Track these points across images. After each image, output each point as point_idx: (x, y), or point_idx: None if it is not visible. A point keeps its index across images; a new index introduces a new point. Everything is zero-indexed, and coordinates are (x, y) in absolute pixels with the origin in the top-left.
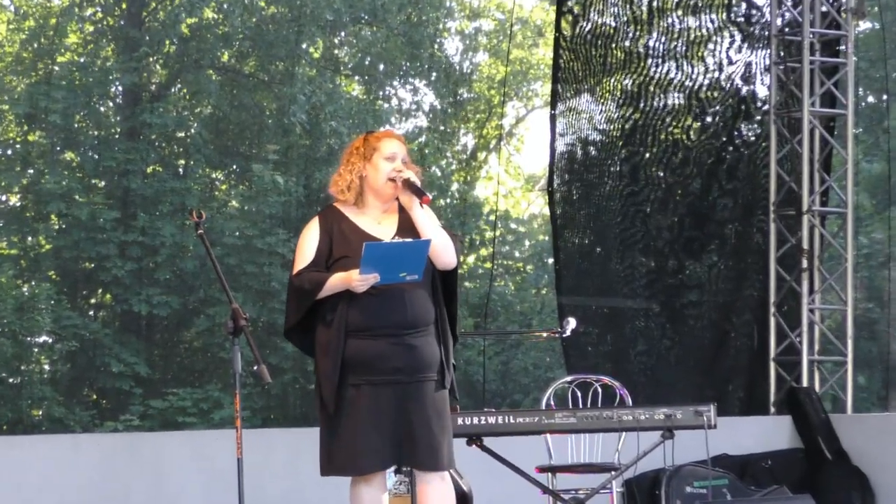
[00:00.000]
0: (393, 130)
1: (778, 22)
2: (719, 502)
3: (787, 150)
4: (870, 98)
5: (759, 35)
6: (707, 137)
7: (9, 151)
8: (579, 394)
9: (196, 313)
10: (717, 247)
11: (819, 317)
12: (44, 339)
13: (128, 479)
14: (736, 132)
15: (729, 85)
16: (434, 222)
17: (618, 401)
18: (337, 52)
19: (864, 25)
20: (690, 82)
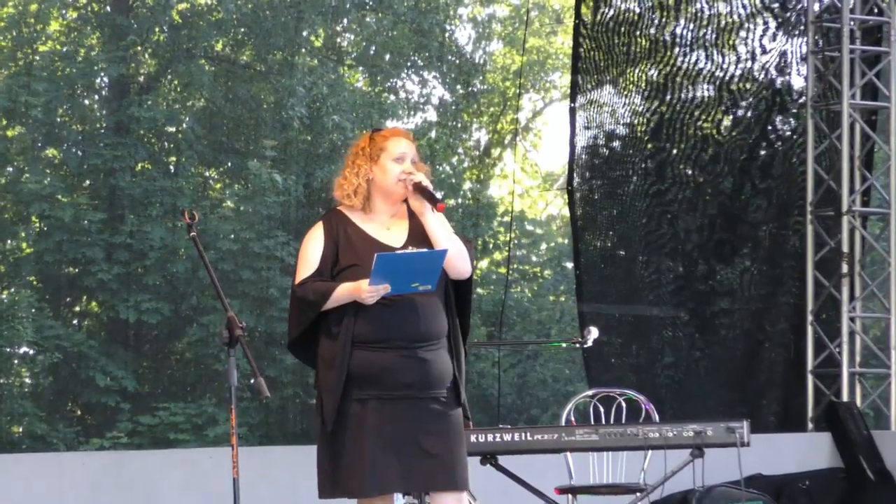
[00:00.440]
0: (400, 128)
1: (815, 7)
2: None
3: (825, 146)
4: None
5: (796, 22)
6: (739, 132)
7: None
8: (602, 409)
9: (188, 322)
10: (749, 250)
11: (860, 326)
12: (24, 350)
13: (115, 502)
14: (770, 127)
15: (762, 76)
16: (447, 229)
17: (643, 416)
18: (339, 40)
19: None
20: (721, 73)
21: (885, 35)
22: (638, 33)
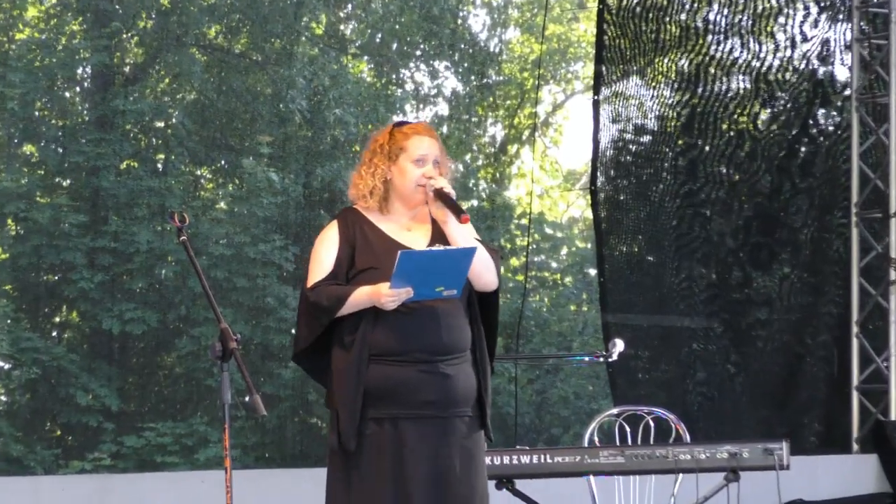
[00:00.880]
0: (424, 124)
1: None
2: None
3: (871, 142)
4: None
5: (839, 7)
6: (777, 127)
7: None
8: (628, 428)
9: (178, 334)
10: (789, 256)
11: None
12: None
13: None
14: (811, 121)
15: (803, 65)
16: (472, 236)
17: (673, 437)
18: (342, 27)
19: None
20: (758, 62)
21: None
22: (667, 19)
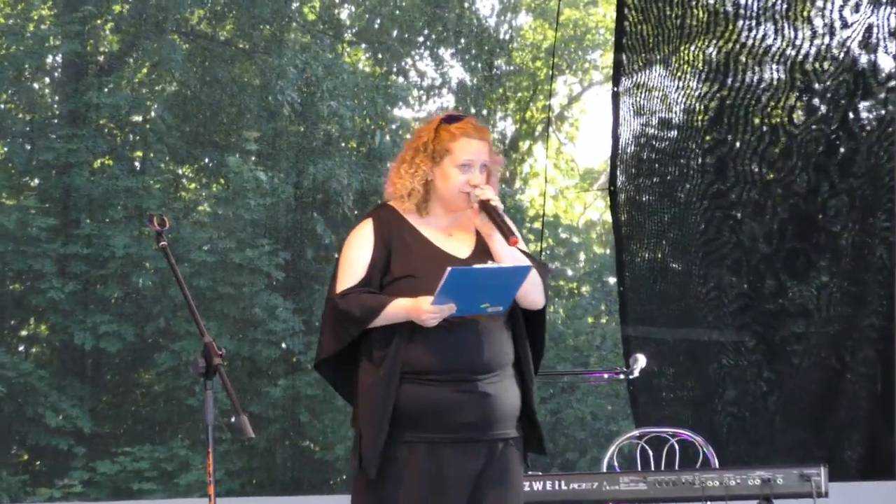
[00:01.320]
0: (473, 123)
1: None
2: None
3: None
4: None
5: None
6: (815, 122)
7: None
8: (651, 452)
9: (156, 349)
10: (828, 263)
11: None
12: None
13: None
14: (852, 115)
15: (843, 54)
16: (519, 253)
17: (701, 461)
18: (338, 12)
19: None
20: (793, 50)
21: None
22: (694, 3)
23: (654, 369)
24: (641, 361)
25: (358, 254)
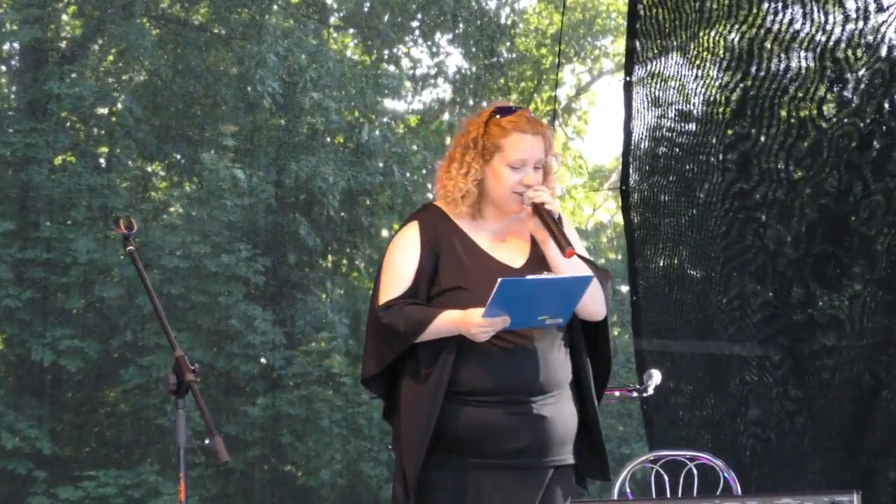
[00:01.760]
0: (526, 116)
1: None
2: None
3: None
4: None
5: None
6: (847, 114)
7: None
8: (666, 477)
9: (123, 364)
10: (861, 269)
11: None
12: None
13: None
14: (888, 107)
15: (878, 40)
16: (579, 261)
17: (721, 488)
18: None
19: None
20: (823, 37)
21: None
22: None
23: (671, 386)
24: (656, 377)
25: (403, 261)
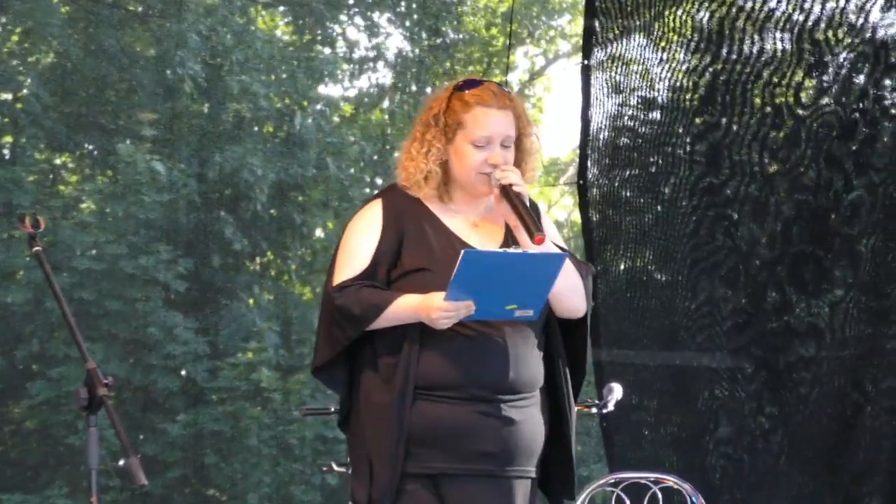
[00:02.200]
0: (492, 88)
1: None
2: None
3: None
4: None
5: None
6: (827, 102)
7: None
8: (628, 501)
9: (28, 376)
10: (843, 272)
11: None
12: None
13: None
14: (873, 93)
15: (861, 20)
16: (555, 245)
17: None
18: None
19: None
20: (801, 15)
21: None
22: None
23: (633, 401)
24: (617, 392)
25: (361, 240)
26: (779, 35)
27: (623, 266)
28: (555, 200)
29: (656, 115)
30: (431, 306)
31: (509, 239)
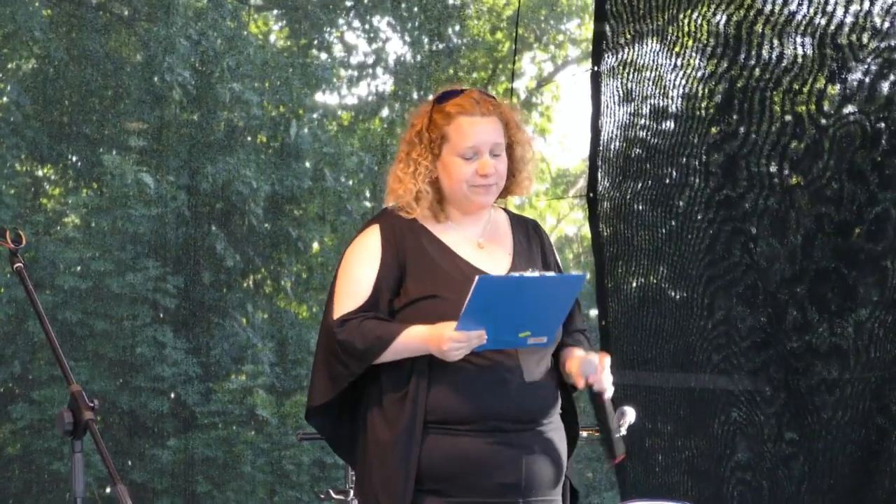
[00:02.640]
0: (474, 96)
1: None
2: None
3: None
4: None
5: None
6: (851, 110)
7: None
8: None
9: (10, 399)
10: (867, 290)
11: None
12: None
13: None
14: None
15: (886, 24)
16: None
17: None
18: None
19: None
20: (824, 19)
21: None
22: None
23: (646, 426)
24: (630, 416)
25: (360, 269)
26: (800, 40)
27: (635, 283)
28: (564, 214)
29: (670, 124)
30: (442, 337)
31: (517, 261)
